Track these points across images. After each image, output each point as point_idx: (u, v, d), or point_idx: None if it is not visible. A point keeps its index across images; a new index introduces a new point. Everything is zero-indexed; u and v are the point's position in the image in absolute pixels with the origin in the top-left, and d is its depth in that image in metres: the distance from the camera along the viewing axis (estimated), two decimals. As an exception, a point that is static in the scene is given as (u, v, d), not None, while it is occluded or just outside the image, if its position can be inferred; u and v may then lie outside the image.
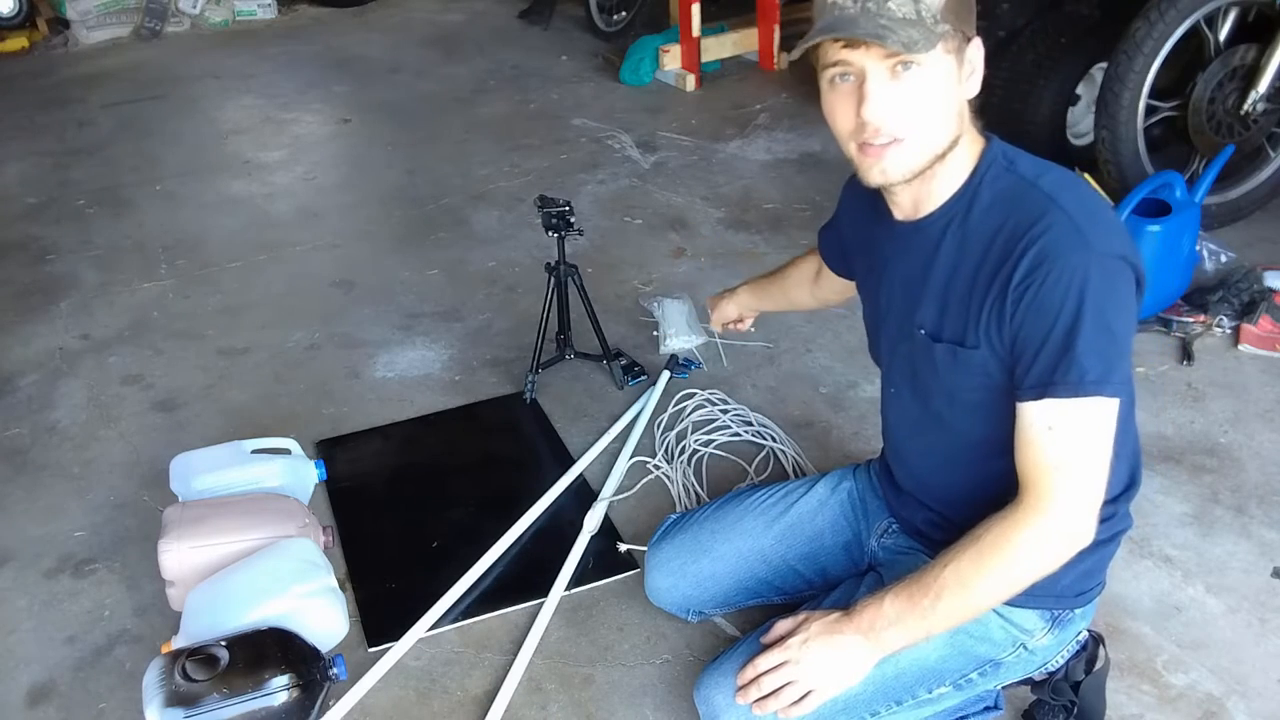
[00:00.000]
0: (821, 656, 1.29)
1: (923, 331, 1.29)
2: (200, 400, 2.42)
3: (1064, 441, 1.14)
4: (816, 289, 1.85)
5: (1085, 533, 1.19)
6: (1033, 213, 1.14)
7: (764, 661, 1.32)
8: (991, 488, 1.25)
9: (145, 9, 5.24)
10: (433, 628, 1.75)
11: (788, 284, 1.91)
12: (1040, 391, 1.15)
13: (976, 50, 1.16)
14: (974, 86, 1.19)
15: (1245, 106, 2.73)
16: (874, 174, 1.21)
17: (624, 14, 4.79)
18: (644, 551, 1.76)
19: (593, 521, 1.94)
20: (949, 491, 1.40)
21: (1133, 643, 1.67)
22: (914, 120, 1.16)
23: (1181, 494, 1.99)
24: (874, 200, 1.33)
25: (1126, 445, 1.32)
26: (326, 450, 2.21)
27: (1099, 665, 1.45)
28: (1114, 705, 1.54)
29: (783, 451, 2.14)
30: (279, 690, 1.51)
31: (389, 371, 2.50)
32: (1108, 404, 1.14)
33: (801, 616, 1.34)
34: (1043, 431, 1.15)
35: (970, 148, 1.22)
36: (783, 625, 1.36)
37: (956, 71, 1.15)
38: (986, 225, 1.19)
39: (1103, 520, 1.32)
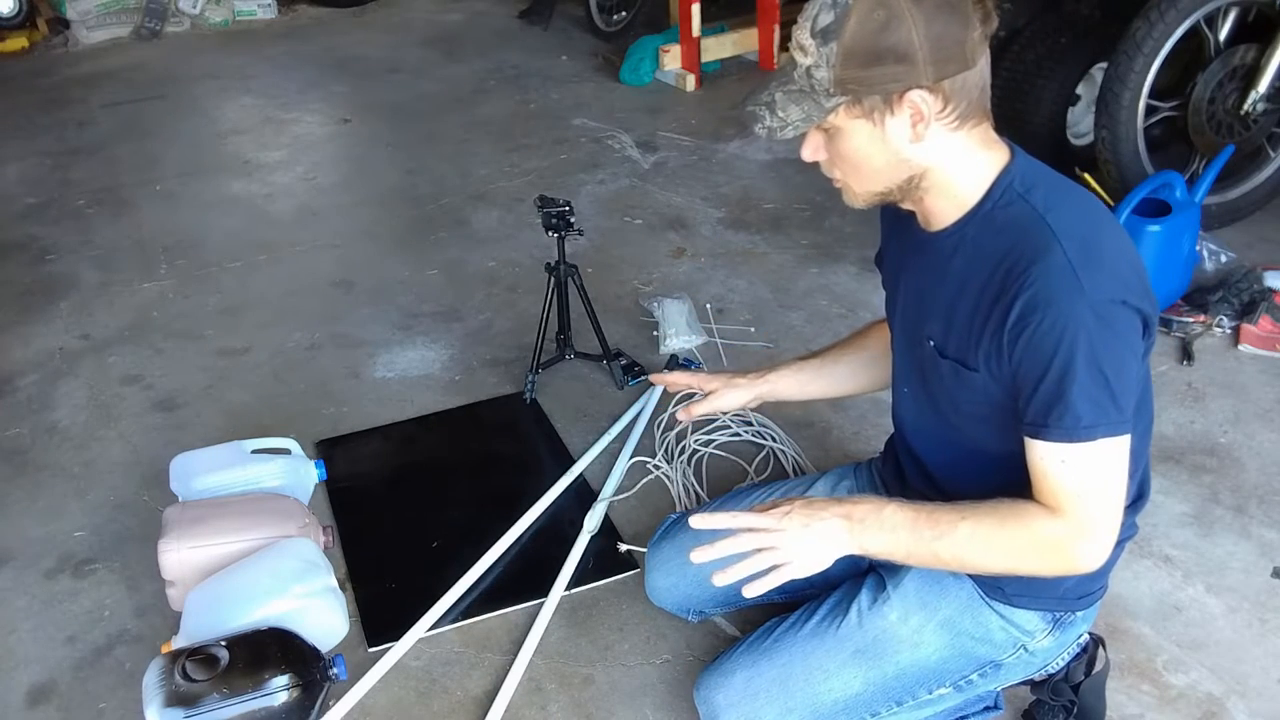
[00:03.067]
0: (802, 529, 1.23)
1: (931, 343, 1.29)
2: (200, 400, 2.42)
3: (1077, 474, 1.15)
4: (873, 370, 1.63)
5: (1096, 558, 1.19)
6: (1034, 250, 1.13)
7: (742, 520, 1.25)
8: (1004, 490, 1.25)
9: (145, 9, 5.24)
10: (433, 628, 1.75)
11: (851, 362, 1.64)
12: (1036, 431, 1.16)
13: (921, 100, 1.12)
14: (932, 130, 1.15)
15: (1245, 106, 2.73)
16: (842, 198, 1.29)
17: (624, 14, 4.79)
18: (644, 552, 1.76)
19: (593, 521, 1.94)
20: (959, 489, 1.40)
21: (1133, 643, 1.67)
22: (840, 169, 1.23)
23: (1181, 494, 1.99)
24: None
25: (1138, 461, 1.32)
26: (326, 450, 2.21)
27: (1099, 667, 1.45)
28: (1114, 705, 1.54)
29: (783, 451, 2.14)
30: (279, 690, 1.51)
31: (389, 371, 2.50)
32: (1111, 442, 1.14)
33: (781, 499, 1.28)
34: (1056, 464, 1.16)
35: (980, 170, 1.20)
36: (760, 507, 1.28)
37: (875, 130, 1.16)
38: (993, 251, 1.18)
39: None
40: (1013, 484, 1.23)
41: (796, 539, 1.23)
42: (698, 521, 1.28)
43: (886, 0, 1.08)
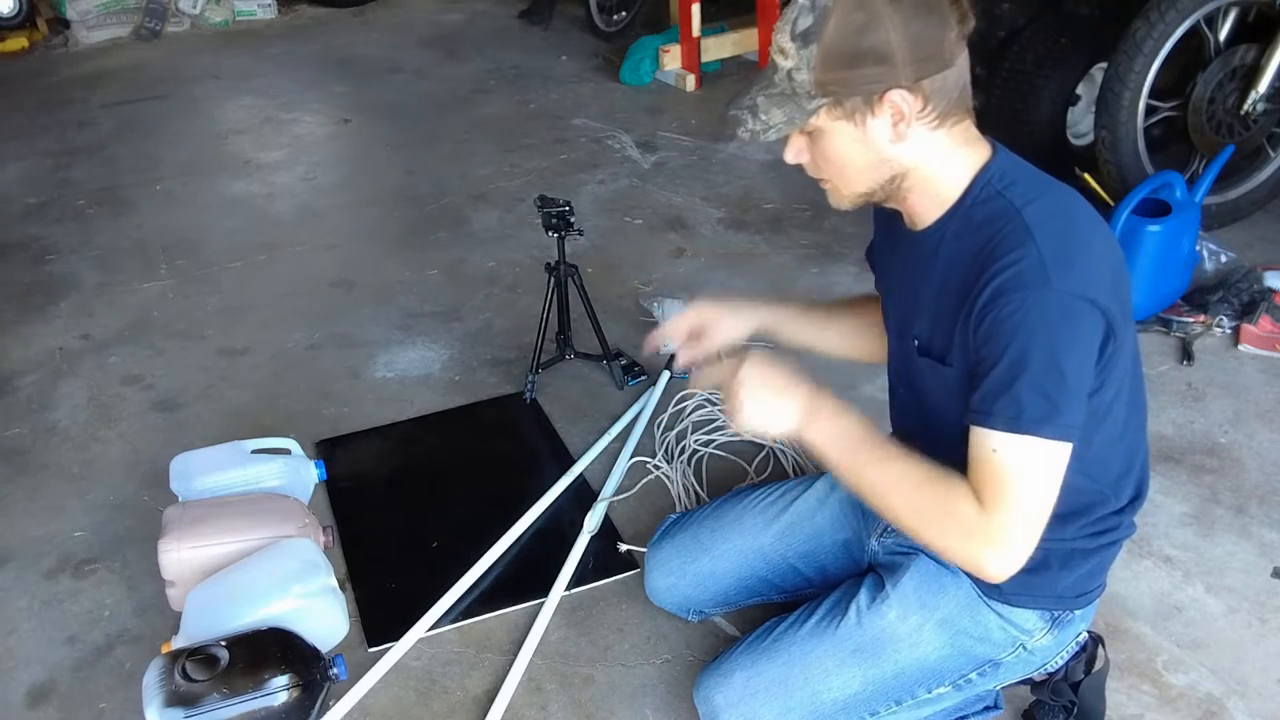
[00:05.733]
0: (760, 399, 1.29)
1: (916, 343, 1.30)
2: (200, 400, 2.42)
3: (1004, 469, 1.13)
4: (866, 339, 1.60)
5: (997, 567, 1.15)
6: (1008, 243, 1.13)
7: (710, 377, 1.37)
8: None
9: (145, 9, 5.24)
10: (433, 628, 1.75)
11: (856, 323, 1.61)
12: (978, 418, 1.14)
13: (901, 100, 1.12)
14: (913, 130, 1.15)
15: (1245, 106, 2.73)
16: (829, 199, 1.29)
17: (624, 14, 4.79)
18: (644, 552, 1.76)
19: (593, 521, 1.94)
20: None
21: (1133, 643, 1.68)
22: (824, 170, 1.24)
23: (1181, 494, 1.99)
24: None
25: (1136, 456, 1.32)
26: (326, 450, 2.21)
27: (1098, 666, 1.46)
28: (1114, 705, 1.54)
29: (782, 451, 2.14)
30: (279, 690, 1.51)
31: (389, 371, 2.50)
32: (1051, 446, 1.12)
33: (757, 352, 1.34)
34: (987, 452, 1.14)
35: (961, 168, 1.20)
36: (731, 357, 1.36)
37: (857, 131, 1.16)
38: (971, 246, 1.18)
39: (1106, 530, 1.32)
40: None
41: (753, 401, 1.29)
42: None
43: (865, 2, 1.09)
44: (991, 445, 1.13)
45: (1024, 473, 1.13)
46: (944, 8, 1.12)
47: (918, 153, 1.18)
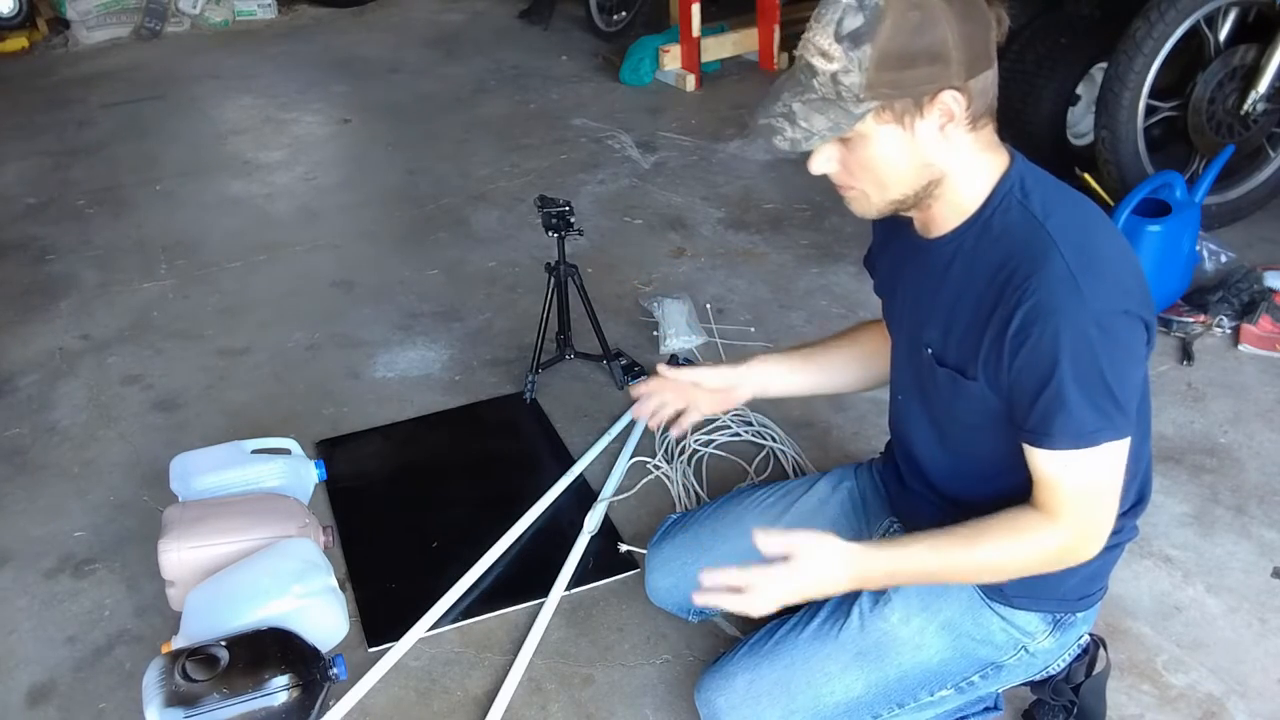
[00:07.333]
0: (801, 590, 1.24)
1: (929, 351, 1.28)
2: (200, 400, 2.42)
3: (1078, 478, 1.16)
4: (868, 367, 1.60)
5: (1090, 554, 1.22)
6: (1034, 259, 1.12)
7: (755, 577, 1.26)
8: (1003, 494, 1.25)
9: (145, 9, 5.24)
10: (433, 628, 1.75)
11: (843, 355, 1.60)
12: (1039, 439, 1.16)
13: (953, 100, 1.11)
14: (955, 131, 1.14)
15: (1245, 106, 2.73)
16: (849, 207, 1.26)
17: (624, 14, 4.78)
18: (644, 552, 1.76)
19: (593, 522, 1.94)
20: (958, 494, 1.40)
21: (1133, 643, 1.67)
22: (857, 178, 1.20)
23: (1181, 494, 1.99)
24: None
25: (1139, 463, 1.31)
26: (326, 450, 2.21)
27: (1099, 668, 1.45)
28: (1114, 705, 1.54)
29: (783, 451, 2.14)
30: (279, 690, 1.51)
31: (389, 371, 2.50)
32: (1112, 446, 1.15)
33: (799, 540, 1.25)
34: (1058, 469, 1.16)
35: (984, 175, 1.19)
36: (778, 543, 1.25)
37: (904, 135, 1.13)
38: (992, 258, 1.17)
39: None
40: (1008, 489, 1.23)
41: (792, 594, 1.24)
42: (708, 579, 1.27)
43: (920, 1, 1.07)
44: (1059, 464, 1.16)
45: (1093, 479, 1.17)
46: (985, 7, 1.11)
47: (954, 156, 1.17)
